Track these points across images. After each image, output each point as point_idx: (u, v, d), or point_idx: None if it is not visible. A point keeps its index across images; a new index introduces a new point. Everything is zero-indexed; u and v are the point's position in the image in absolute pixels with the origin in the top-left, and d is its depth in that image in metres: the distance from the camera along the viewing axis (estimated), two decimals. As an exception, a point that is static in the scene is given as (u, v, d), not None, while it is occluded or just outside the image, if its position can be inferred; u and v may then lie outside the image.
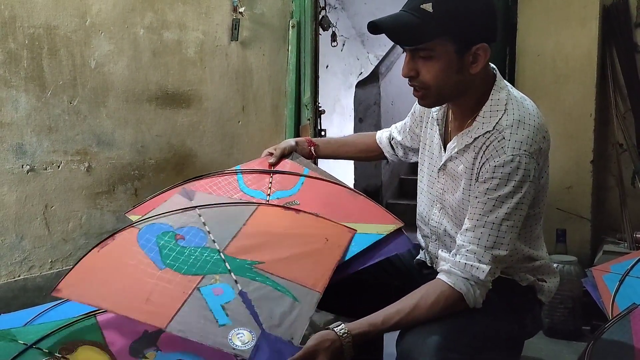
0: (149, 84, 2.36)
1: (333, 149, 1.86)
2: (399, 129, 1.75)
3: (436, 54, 1.28)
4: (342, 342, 1.21)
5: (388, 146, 1.79)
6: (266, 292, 1.28)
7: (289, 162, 1.76)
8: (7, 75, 1.92)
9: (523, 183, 1.28)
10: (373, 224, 1.54)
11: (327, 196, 1.65)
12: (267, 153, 1.79)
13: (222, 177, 1.71)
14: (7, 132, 1.93)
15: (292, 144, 1.81)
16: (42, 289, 2.03)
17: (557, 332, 2.41)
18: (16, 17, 1.92)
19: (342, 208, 1.60)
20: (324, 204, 1.60)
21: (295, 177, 1.70)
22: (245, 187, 1.67)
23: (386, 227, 1.53)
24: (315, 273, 1.37)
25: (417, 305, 1.27)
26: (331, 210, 1.57)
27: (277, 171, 1.72)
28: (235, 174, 1.72)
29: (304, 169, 1.73)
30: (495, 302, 1.33)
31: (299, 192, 1.66)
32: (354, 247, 1.46)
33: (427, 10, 1.25)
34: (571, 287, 2.39)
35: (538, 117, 1.34)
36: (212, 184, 1.68)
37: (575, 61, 2.73)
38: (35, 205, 2.03)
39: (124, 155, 2.29)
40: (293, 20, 3.02)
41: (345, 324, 1.25)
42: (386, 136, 1.79)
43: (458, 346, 1.21)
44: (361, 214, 1.59)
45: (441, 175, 1.46)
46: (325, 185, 1.69)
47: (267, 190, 1.66)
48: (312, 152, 1.82)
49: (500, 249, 1.29)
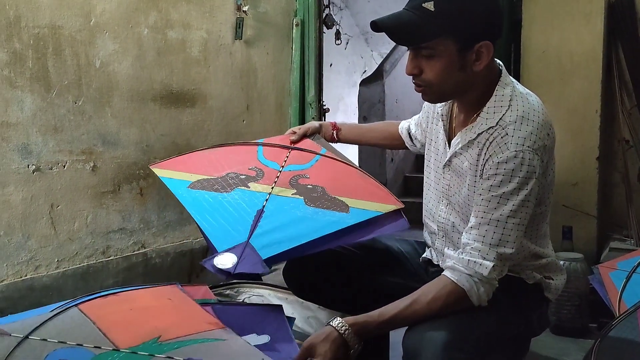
0: (154, 83, 2.37)
1: (356, 134, 1.90)
2: (415, 121, 1.76)
3: (438, 52, 1.27)
4: (339, 333, 1.22)
5: (407, 137, 1.80)
6: (192, 352, 1.28)
7: (309, 141, 1.83)
8: (13, 75, 1.92)
9: (528, 180, 1.27)
10: (374, 202, 1.60)
11: (337, 173, 1.73)
12: (291, 131, 1.86)
13: (245, 146, 1.83)
14: (12, 132, 1.94)
15: (316, 126, 1.87)
16: (48, 288, 2.04)
17: (564, 329, 2.40)
18: (21, 17, 1.93)
19: (347, 185, 1.67)
20: (331, 179, 1.68)
21: (311, 155, 1.78)
22: (263, 157, 1.76)
23: (386, 206, 1.59)
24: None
25: (417, 299, 1.27)
26: (336, 186, 1.65)
27: (295, 147, 1.80)
28: (256, 145, 1.81)
29: (321, 148, 1.81)
30: (502, 300, 1.32)
31: (312, 167, 1.73)
32: (348, 220, 1.51)
33: (428, 9, 1.24)
34: (578, 285, 2.37)
35: (543, 114, 1.33)
36: (234, 152, 1.80)
37: (580, 57, 2.72)
38: (41, 205, 2.03)
39: (129, 155, 2.30)
40: (297, 19, 3.02)
41: (340, 318, 1.25)
42: (406, 127, 1.81)
43: (464, 344, 1.21)
44: (365, 191, 1.65)
45: (446, 171, 1.45)
46: (338, 164, 1.76)
47: (282, 162, 1.73)
48: (335, 137, 1.86)
49: (506, 246, 1.28)
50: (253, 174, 1.67)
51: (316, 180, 1.67)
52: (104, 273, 2.23)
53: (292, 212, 1.53)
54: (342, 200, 1.59)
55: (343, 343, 1.22)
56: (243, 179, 1.65)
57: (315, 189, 1.63)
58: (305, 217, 1.51)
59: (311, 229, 1.47)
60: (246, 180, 1.64)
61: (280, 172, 1.69)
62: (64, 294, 2.00)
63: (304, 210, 1.53)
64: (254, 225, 1.47)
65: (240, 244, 1.40)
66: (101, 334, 1.32)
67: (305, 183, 1.66)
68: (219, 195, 1.57)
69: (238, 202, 1.55)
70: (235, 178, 1.65)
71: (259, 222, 1.48)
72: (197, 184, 1.61)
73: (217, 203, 1.54)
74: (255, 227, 1.46)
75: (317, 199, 1.58)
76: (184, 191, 1.58)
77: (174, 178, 1.65)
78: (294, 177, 1.68)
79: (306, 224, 1.49)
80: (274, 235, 1.44)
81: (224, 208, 1.52)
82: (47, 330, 1.29)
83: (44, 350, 1.24)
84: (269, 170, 1.70)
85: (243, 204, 1.54)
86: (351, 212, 1.55)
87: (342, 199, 1.60)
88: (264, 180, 1.65)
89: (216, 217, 1.49)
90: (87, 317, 1.38)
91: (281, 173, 1.69)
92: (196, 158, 1.75)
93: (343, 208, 1.56)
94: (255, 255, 1.37)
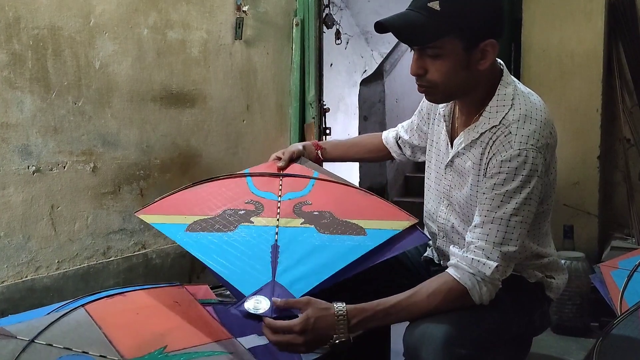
0: (154, 83, 2.36)
1: (340, 152, 1.86)
2: (405, 127, 1.74)
3: (444, 52, 1.27)
4: (335, 314, 1.22)
5: (395, 146, 1.78)
6: None
7: (298, 165, 1.75)
8: (12, 76, 1.92)
9: (531, 178, 1.27)
10: (387, 220, 1.54)
11: (339, 195, 1.65)
12: (275, 157, 1.77)
13: (231, 179, 1.71)
14: (12, 133, 1.93)
15: (299, 148, 1.79)
16: (49, 289, 2.04)
17: (565, 328, 2.39)
18: (20, 18, 1.93)
19: (355, 206, 1.61)
20: (335, 202, 1.61)
21: (305, 180, 1.69)
22: (256, 189, 1.66)
23: (401, 223, 1.53)
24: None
25: (417, 291, 1.27)
26: (342, 208, 1.57)
27: (287, 174, 1.71)
28: (244, 176, 1.71)
29: (313, 172, 1.73)
30: (504, 299, 1.32)
31: (310, 193, 1.65)
32: (369, 242, 1.45)
33: (434, 8, 1.24)
34: (579, 284, 2.37)
35: (545, 112, 1.33)
36: (222, 186, 1.67)
37: (581, 56, 2.72)
38: (42, 206, 2.03)
39: (130, 155, 2.30)
40: (297, 19, 3.01)
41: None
42: (392, 136, 1.79)
43: (465, 342, 1.21)
44: (374, 211, 1.59)
45: (448, 171, 1.45)
46: (336, 186, 1.69)
47: (278, 192, 1.65)
48: (320, 156, 1.81)
49: (510, 245, 1.28)
50: (252, 208, 1.57)
51: (320, 205, 1.59)
52: (105, 274, 2.23)
53: (308, 242, 1.45)
54: (355, 223, 1.52)
55: (330, 325, 1.22)
56: (243, 214, 1.54)
57: (323, 215, 1.55)
58: (324, 245, 1.43)
59: (335, 257, 1.40)
60: (247, 215, 1.54)
61: (280, 202, 1.60)
62: (64, 295, 1.99)
63: (320, 239, 1.46)
64: (274, 261, 1.37)
65: (267, 284, 1.31)
66: (107, 341, 1.31)
67: (311, 210, 1.58)
68: (224, 235, 1.46)
69: (246, 239, 1.45)
70: (235, 215, 1.54)
71: (278, 257, 1.39)
72: (195, 226, 1.48)
73: (225, 243, 1.43)
74: (277, 264, 1.37)
75: (330, 225, 1.51)
76: (183, 235, 1.46)
77: (167, 223, 1.52)
78: (296, 205, 1.59)
79: (328, 253, 1.41)
80: (299, 269, 1.36)
81: (234, 248, 1.42)
82: (52, 333, 1.29)
83: (49, 356, 1.23)
84: (266, 201, 1.60)
85: (253, 241, 1.45)
86: (368, 234, 1.48)
87: (355, 222, 1.53)
88: (266, 212, 1.55)
89: (229, 259, 1.39)
90: (93, 320, 1.38)
91: (281, 203, 1.60)
92: (184, 198, 1.62)
93: (359, 231, 1.49)
94: (287, 293, 1.29)
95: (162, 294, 1.54)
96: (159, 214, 1.56)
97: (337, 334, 1.22)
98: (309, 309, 1.22)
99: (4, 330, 1.25)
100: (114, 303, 1.47)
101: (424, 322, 1.24)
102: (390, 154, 1.81)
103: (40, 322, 1.32)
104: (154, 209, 1.58)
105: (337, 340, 1.22)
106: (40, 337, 1.26)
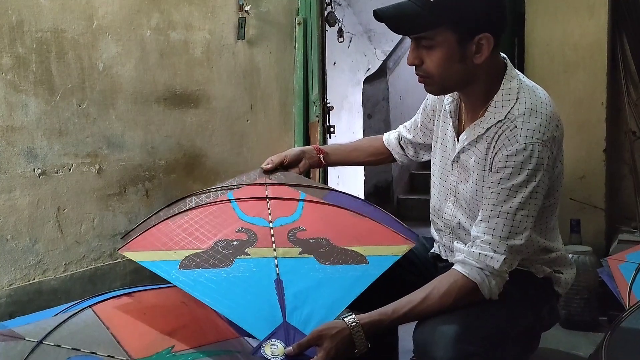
0: (157, 84, 2.37)
1: (342, 156, 1.84)
2: (408, 127, 1.74)
3: (437, 43, 1.29)
4: (350, 332, 1.22)
5: (397, 147, 1.78)
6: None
7: (285, 187, 1.69)
8: (17, 79, 1.92)
9: (537, 172, 1.27)
10: (386, 246, 1.52)
11: (332, 218, 1.61)
12: (269, 160, 1.75)
13: (215, 205, 1.62)
14: (17, 136, 1.94)
15: (296, 152, 1.77)
16: (56, 291, 2.04)
17: (574, 323, 2.39)
18: (24, 21, 1.93)
19: (350, 230, 1.57)
20: (329, 227, 1.57)
21: (294, 202, 1.64)
22: (244, 214, 1.60)
23: (399, 247, 1.52)
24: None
25: (430, 294, 1.27)
26: (340, 234, 1.55)
27: (272, 197, 1.65)
28: (228, 202, 1.63)
29: (300, 193, 1.67)
30: (512, 294, 1.32)
31: (302, 217, 1.60)
32: (373, 271, 1.43)
33: (429, 0, 1.25)
34: (587, 278, 2.37)
35: (550, 106, 1.33)
36: (207, 213, 1.58)
37: (585, 49, 2.71)
38: (48, 209, 2.03)
39: (134, 157, 2.30)
40: (299, 18, 3.01)
41: (355, 314, 1.25)
42: (394, 137, 1.78)
43: (475, 338, 1.21)
44: (371, 235, 1.56)
45: (454, 167, 1.45)
46: (325, 207, 1.65)
47: (268, 217, 1.59)
48: (322, 161, 1.79)
49: (516, 238, 1.28)
50: (244, 237, 1.51)
51: (315, 231, 1.55)
52: (112, 275, 2.24)
53: (311, 275, 1.41)
54: (354, 251, 1.49)
55: (350, 342, 1.22)
56: (237, 245, 1.48)
57: (320, 243, 1.52)
58: (329, 278, 1.40)
59: (343, 290, 1.37)
60: (241, 246, 1.48)
61: (273, 229, 1.55)
62: (72, 297, 2.00)
63: (322, 271, 1.42)
64: (281, 299, 1.34)
65: (279, 327, 1.28)
66: (115, 341, 1.32)
67: (306, 237, 1.53)
68: (222, 272, 1.39)
69: (247, 275, 1.40)
70: (227, 246, 1.47)
71: (284, 294, 1.35)
72: (188, 263, 1.41)
73: (225, 281, 1.37)
74: (284, 302, 1.33)
75: (329, 254, 1.47)
76: (178, 274, 1.37)
77: (157, 260, 1.42)
78: (290, 231, 1.55)
79: (334, 286, 1.38)
80: (309, 307, 1.33)
81: (236, 286, 1.36)
82: (60, 334, 1.29)
83: (58, 357, 1.24)
84: (258, 228, 1.54)
85: (253, 276, 1.40)
86: (370, 262, 1.46)
87: (353, 249, 1.50)
88: (260, 242, 1.50)
89: (235, 299, 1.34)
90: (101, 321, 1.38)
91: (273, 230, 1.55)
92: (168, 230, 1.52)
93: (360, 259, 1.46)
94: (301, 335, 1.27)
95: (169, 293, 1.54)
96: (146, 250, 1.47)
97: (358, 349, 1.23)
98: (324, 343, 1.21)
99: (13, 332, 1.26)
100: (121, 303, 1.48)
101: (434, 320, 1.25)
102: (391, 157, 1.80)
103: (48, 323, 1.32)
104: (138, 244, 1.49)
105: (359, 353, 1.23)
106: (49, 338, 1.26)
